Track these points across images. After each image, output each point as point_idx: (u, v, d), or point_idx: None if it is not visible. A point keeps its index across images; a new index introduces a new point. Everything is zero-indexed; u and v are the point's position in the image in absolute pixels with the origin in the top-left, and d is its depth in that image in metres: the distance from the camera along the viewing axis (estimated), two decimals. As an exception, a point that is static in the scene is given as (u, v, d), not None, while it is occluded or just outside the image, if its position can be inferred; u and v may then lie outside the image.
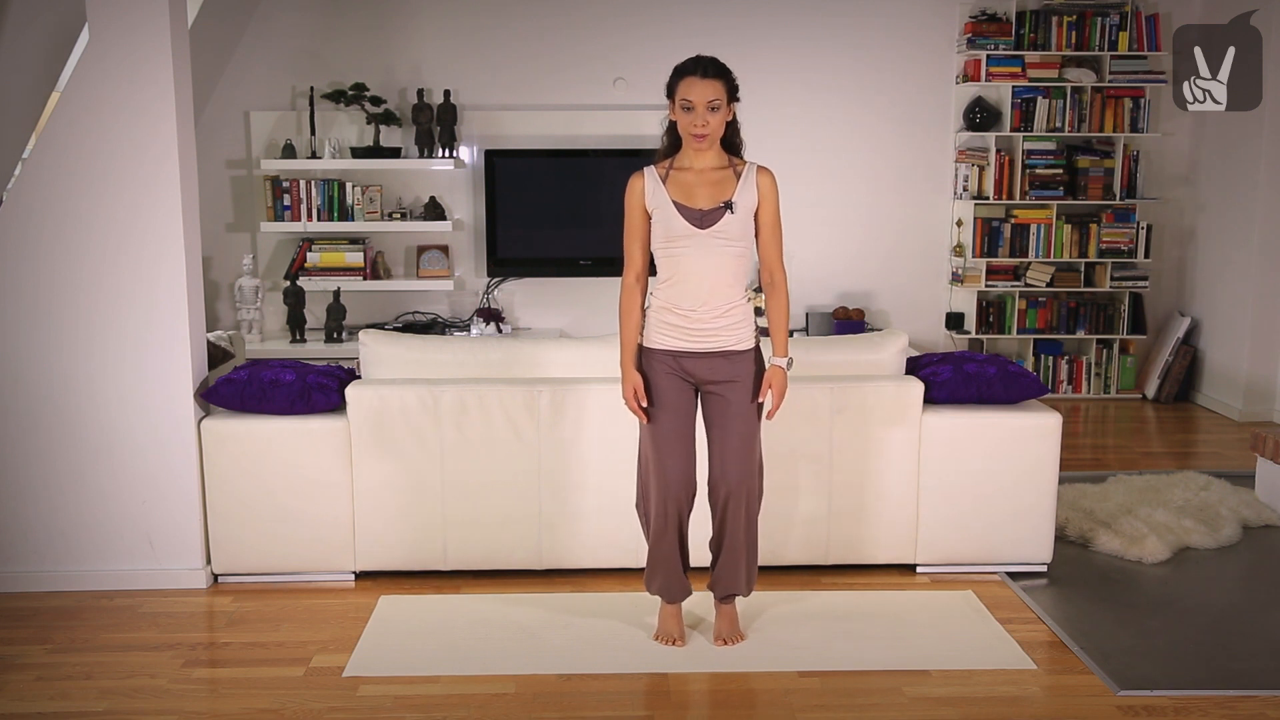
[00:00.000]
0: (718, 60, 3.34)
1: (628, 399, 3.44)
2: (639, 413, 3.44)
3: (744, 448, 3.43)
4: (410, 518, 4.05)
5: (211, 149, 6.85)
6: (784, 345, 3.46)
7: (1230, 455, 5.95)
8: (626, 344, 3.46)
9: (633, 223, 3.42)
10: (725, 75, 3.32)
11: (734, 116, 3.40)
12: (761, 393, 3.43)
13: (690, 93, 3.28)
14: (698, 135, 3.30)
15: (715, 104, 3.28)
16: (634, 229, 3.42)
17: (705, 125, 3.29)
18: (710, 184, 3.37)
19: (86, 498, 4.05)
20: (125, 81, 3.87)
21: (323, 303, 6.90)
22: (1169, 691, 3.31)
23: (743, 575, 3.55)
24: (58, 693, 3.34)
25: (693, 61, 3.33)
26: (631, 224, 3.42)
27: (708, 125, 3.29)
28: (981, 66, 6.94)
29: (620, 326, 3.47)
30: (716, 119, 3.30)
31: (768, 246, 3.45)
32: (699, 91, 3.27)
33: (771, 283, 3.48)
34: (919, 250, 7.32)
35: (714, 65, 3.32)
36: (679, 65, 3.35)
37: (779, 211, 3.43)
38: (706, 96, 3.27)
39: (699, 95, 3.27)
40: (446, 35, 7.00)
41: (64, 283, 3.96)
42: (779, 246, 3.47)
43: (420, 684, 3.37)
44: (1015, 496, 4.11)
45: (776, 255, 3.47)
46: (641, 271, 3.45)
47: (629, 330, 3.45)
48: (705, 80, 3.28)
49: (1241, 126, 6.71)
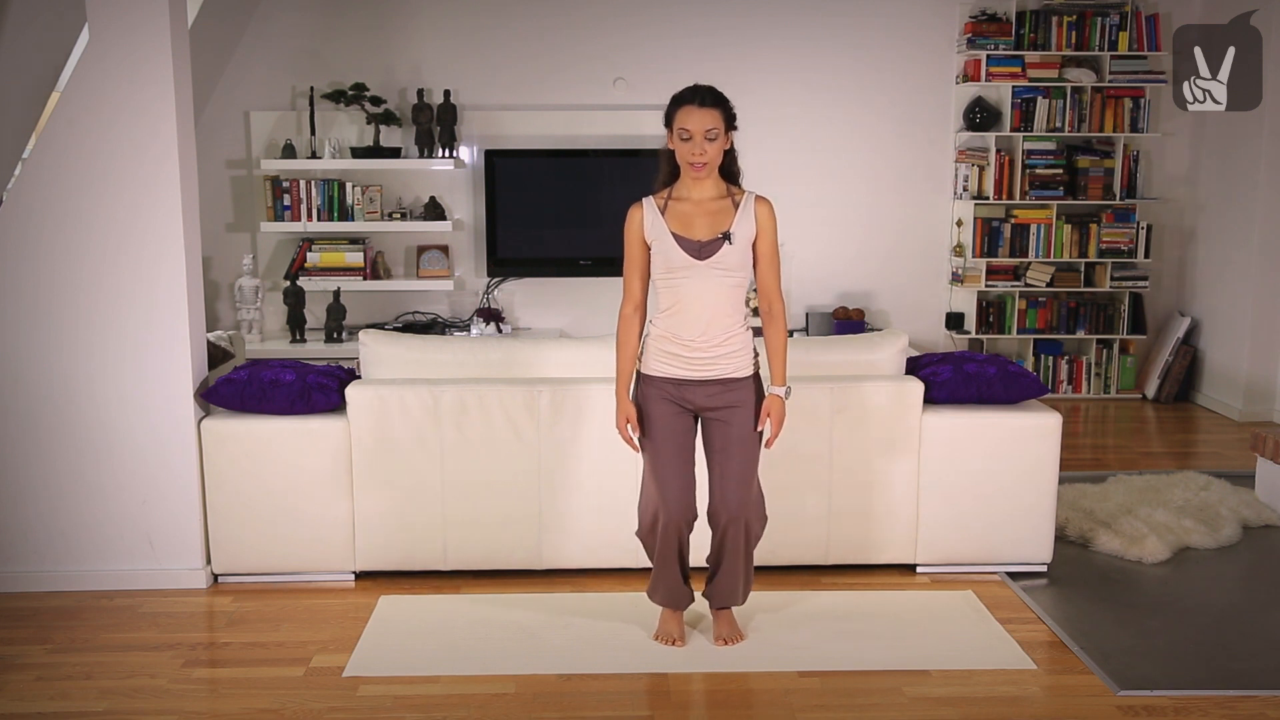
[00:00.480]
0: (715, 89, 3.32)
1: (620, 429, 3.46)
2: (630, 443, 3.47)
3: (743, 474, 3.42)
4: (410, 517, 4.05)
5: (211, 149, 6.85)
6: (782, 375, 3.44)
7: (1230, 455, 5.95)
8: (622, 374, 3.46)
9: (632, 254, 3.41)
10: (723, 104, 3.30)
11: (731, 145, 3.38)
12: (760, 421, 3.42)
13: (688, 122, 3.26)
14: (695, 164, 3.29)
15: (713, 133, 3.26)
16: (633, 260, 3.41)
17: (703, 154, 3.27)
18: (709, 214, 3.35)
19: (86, 498, 4.05)
20: (125, 81, 3.87)
21: (323, 303, 6.90)
22: (1169, 691, 3.31)
23: (740, 591, 3.57)
24: (58, 693, 3.34)
25: (690, 90, 3.31)
26: (631, 255, 3.41)
27: (705, 154, 3.27)
28: (981, 66, 6.94)
29: (616, 356, 3.47)
30: (714, 148, 3.28)
31: (765, 276, 3.42)
32: (697, 121, 3.26)
33: (770, 312, 3.45)
34: (919, 250, 7.32)
35: (711, 94, 3.30)
36: (676, 94, 3.33)
37: (776, 241, 3.41)
38: (704, 125, 3.26)
39: (697, 124, 3.26)
40: (446, 35, 7.00)
41: (64, 283, 3.96)
42: (777, 276, 3.44)
43: (420, 684, 3.37)
44: (1015, 496, 4.11)
45: (774, 284, 3.43)
46: (640, 302, 3.45)
47: (625, 360, 3.45)
48: (703, 109, 3.26)
49: (1241, 126, 6.71)
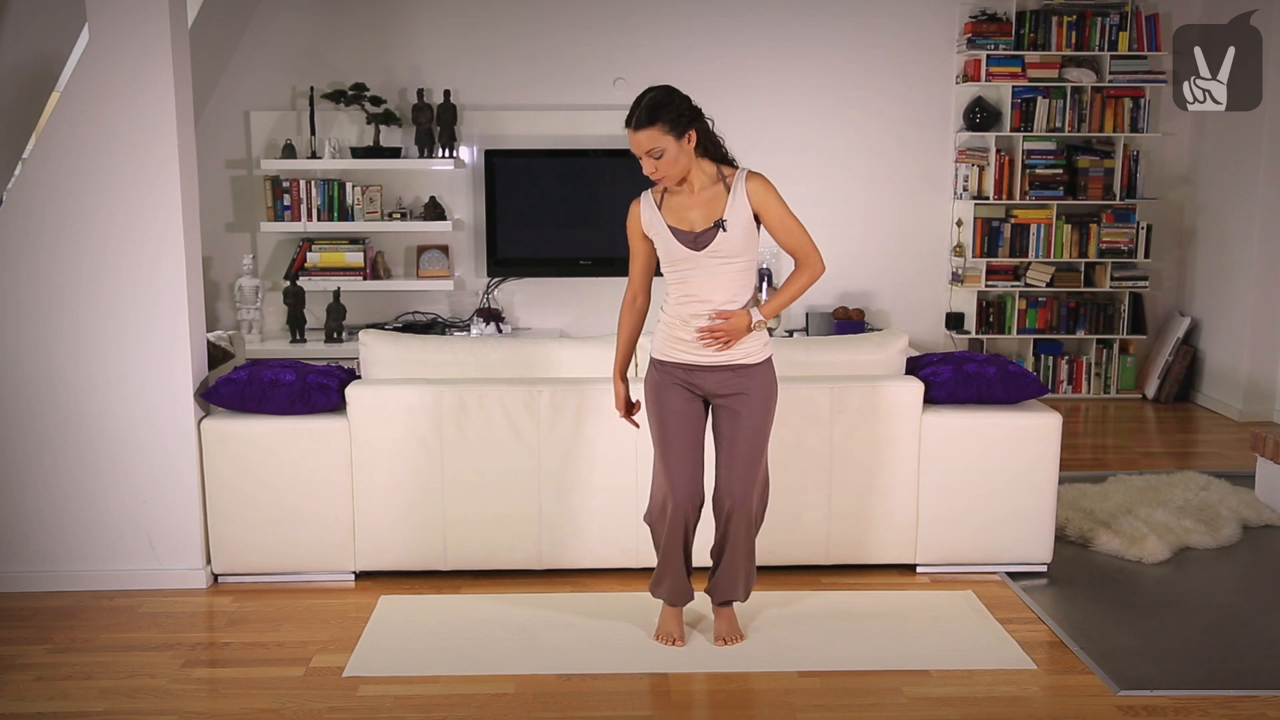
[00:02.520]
0: (653, 103, 3.23)
1: (619, 408, 3.60)
2: (630, 421, 3.60)
3: (751, 461, 3.43)
4: (410, 517, 4.05)
5: (211, 149, 6.85)
6: (772, 309, 3.36)
7: (1230, 455, 5.95)
8: (619, 357, 3.59)
9: (633, 247, 3.50)
10: (658, 117, 3.22)
11: (700, 135, 3.30)
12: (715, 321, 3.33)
13: (632, 145, 3.28)
14: (656, 179, 3.33)
15: (656, 152, 3.25)
16: (635, 253, 3.50)
17: (655, 171, 3.29)
18: (703, 204, 3.35)
19: (86, 498, 4.05)
20: (125, 81, 3.87)
21: (323, 303, 6.90)
22: (1169, 691, 3.31)
23: (741, 583, 3.57)
24: (58, 693, 3.34)
25: (629, 112, 3.26)
26: (633, 249, 3.50)
27: (658, 171, 3.29)
28: (981, 66, 6.94)
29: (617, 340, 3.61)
30: (665, 163, 3.26)
31: (788, 241, 3.36)
32: (635, 144, 3.27)
33: (800, 262, 3.38)
34: (919, 250, 7.32)
35: (646, 113, 3.22)
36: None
37: (784, 206, 3.34)
38: (643, 148, 3.26)
39: (637, 147, 3.27)
40: (446, 35, 7.00)
41: (64, 283, 3.96)
42: (799, 238, 3.35)
43: (420, 684, 3.37)
44: (1015, 496, 4.11)
45: (799, 245, 3.35)
46: (639, 290, 3.53)
47: (619, 344, 3.58)
48: (638, 132, 3.24)
49: (1241, 126, 6.71)
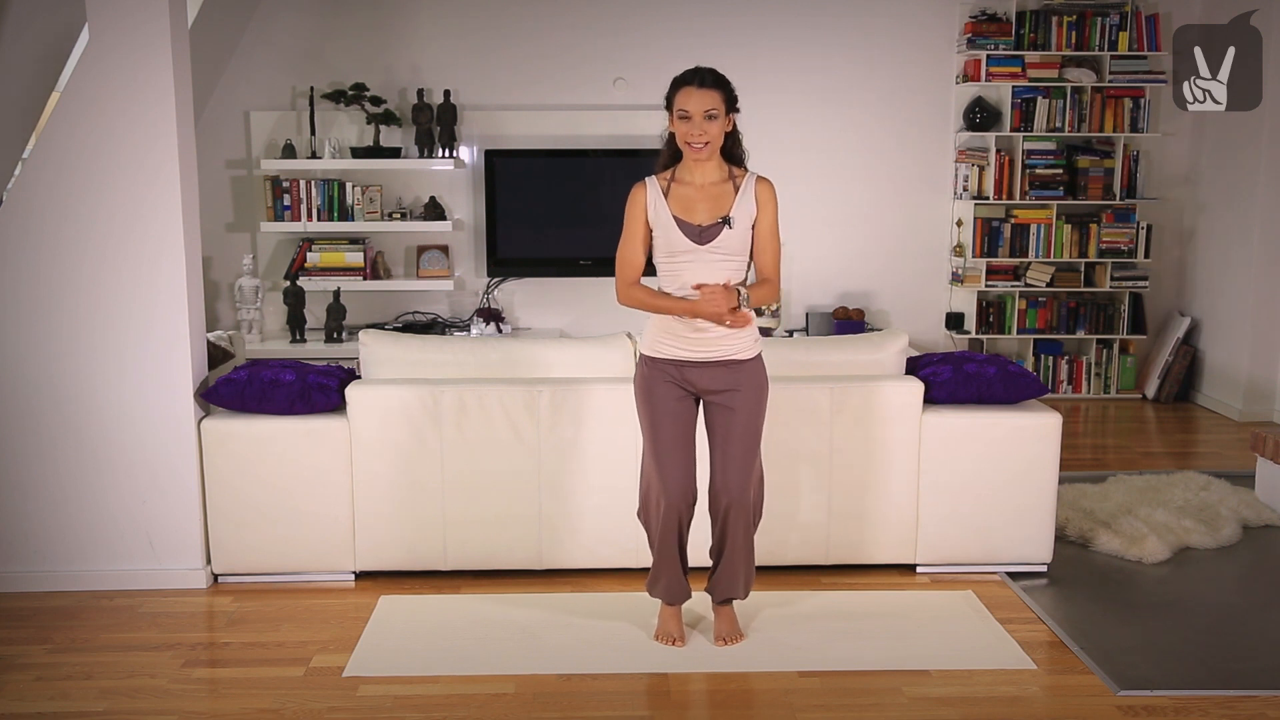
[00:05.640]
0: (716, 70, 3.33)
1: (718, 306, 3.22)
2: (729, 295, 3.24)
3: (745, 458, 3.42)
4: (410, 518, 4.05)
5: (211, 149, 6.85)
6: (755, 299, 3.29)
7: (1230, 455, 5.94)
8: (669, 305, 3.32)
9: (634, 228, 3.40)
10: (723, 85, 3.31)
11: (734, 127, 3.38)
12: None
13: (687, 103, 3.27)
14: (695, 145, 3.29)
15: (712, 113, 3.26)
16: (634, 234, 3.40)
17: (703, 134, 3.27)
18: (710, 198, 3.35)
19: (86, 498, 4.05)
20: (125, 81, 3.87)
21: (323, 303, 6.90)
22: (1169, 691, 3.31)
23: (741, 581, 3.56)
24: (58, 693, 3.34)
25: (691, 71, 3.32)
26: (633, 229, 3.40)
27: (705, 134, 3.27)
28: (981, 66, 6.94)
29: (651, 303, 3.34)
30: (714, 128, 3.28)
31: (762, 254, 3.39)
32: (696, 101, 3.26)
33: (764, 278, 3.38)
34: (919, 250, 7.32)
35: (711, 75, 3.30)
36: (677, 76, 3.33)
37: (776, 222, 3.40)
38: (704, 106, 3.26)
39: (696, 105, 3.26)
40: (446, 35, 7.00)
41: (64, 283, 3.96)
42: (774, 257, 3.39)
43: (420, 684, 3.37)
44: (1015, 496, 4.11)
45: (770, 262, 3.39)
46: (639, 270, 3.41)
47: (656, 299, 3.33)
48: (702, 90, 3.27)
49: (1241, 126, 6.71)
